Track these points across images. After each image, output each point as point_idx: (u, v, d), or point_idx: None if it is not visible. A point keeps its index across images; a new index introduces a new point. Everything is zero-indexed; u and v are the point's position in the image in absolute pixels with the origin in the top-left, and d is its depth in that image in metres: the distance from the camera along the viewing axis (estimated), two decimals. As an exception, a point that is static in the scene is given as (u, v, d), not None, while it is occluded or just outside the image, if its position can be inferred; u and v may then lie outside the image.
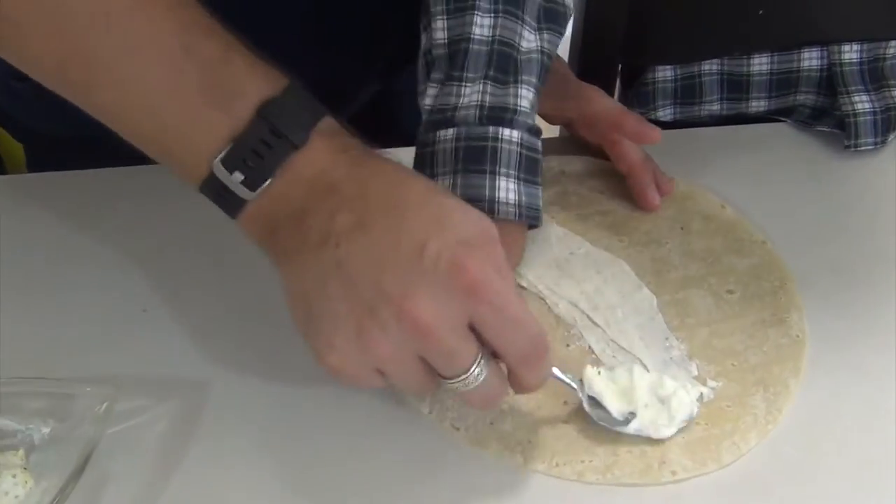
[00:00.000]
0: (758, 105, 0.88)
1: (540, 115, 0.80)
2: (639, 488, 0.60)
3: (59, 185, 0.79)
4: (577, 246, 0.75)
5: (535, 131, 0.66)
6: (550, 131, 0.91)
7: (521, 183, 0.65)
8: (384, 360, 0.52)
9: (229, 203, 0.54)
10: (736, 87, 0.88)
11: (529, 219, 0.65)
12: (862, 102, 0.84)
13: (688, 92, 0.88)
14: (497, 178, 0.63)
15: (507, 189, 0.64)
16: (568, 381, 0.61)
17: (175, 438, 0.61)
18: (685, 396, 0.62)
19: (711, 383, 0.65)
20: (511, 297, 0.52)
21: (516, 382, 0.56)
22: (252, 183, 0.53)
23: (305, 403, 0.64)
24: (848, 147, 0.85)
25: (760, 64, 0.86)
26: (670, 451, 0.61)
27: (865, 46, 0.85)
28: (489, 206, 0.64)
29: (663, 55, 0.87)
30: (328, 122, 0.55)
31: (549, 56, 0.68)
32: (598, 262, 0.74)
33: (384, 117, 0.98)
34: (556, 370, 0.60)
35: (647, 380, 0.63)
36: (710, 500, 0.59)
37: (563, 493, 0.59)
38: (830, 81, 0.86)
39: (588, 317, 0.69)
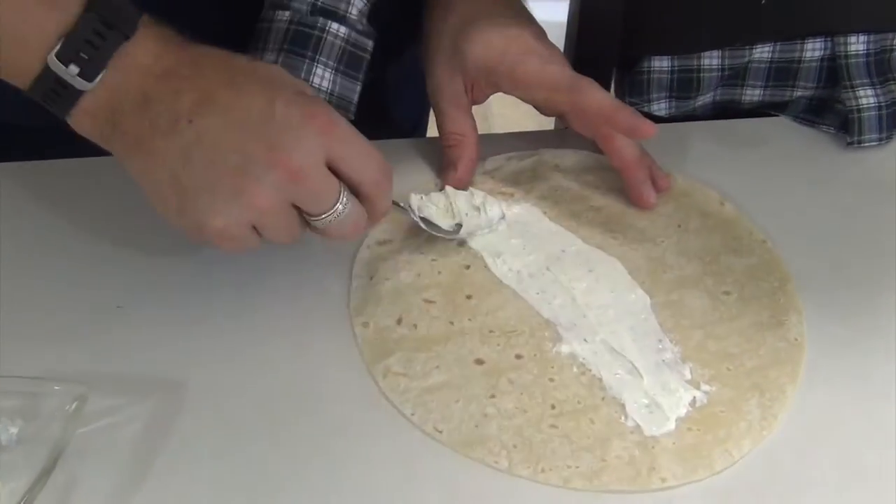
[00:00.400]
0: (752, 94, 0.87)
1: (533, 106, 0.79)
2: (627, 495, 0.59)
3: (30, 175, 0.77)
4: (568, 243, 0.74)
5: (366, 33, 0.73)
6: (546, 123, 0.89)
7: (339, 74, 0.72)
8: (263, 211, 0.58)
9: (64, 98, 0.57)
10: (733, 75, 0.86)
11: (340, 108, 0.70)
12: (867, 97, 0.83)
13: (685, 86, 0.87)
14: (315, 65, 0.71)
15: (321, 77, 0.71)
16: (403, 206, 0.70)
17: (149, 440, 0.60)
18: (494, 203, 0.74)
19: (705, 387, 0.64)
20: (355, 131, 0.60)
21: (371, 210, 0.63)
22: (88, 74, 0.56)
23: (284, 405, 0.63)
24: (851, 144, 0.83)
25: (762, 52, 0.85)
26: (660, 457, 0.60)
27: (872, 37, 0.84)
28: None
29: (662, 46, 0.85)
30: (147, 17, 0.59)
31: None
32: (590, 260, 0.72)
33: (376, 109, 0.97)
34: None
35: (462, 196, 0.73)
36: (702, 508, 0.58)
37: (548, 499, 0.58)
38: (831, 73, 0.85)
39: (578, 317, 0.68)
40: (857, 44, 0.83)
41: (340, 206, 0.60)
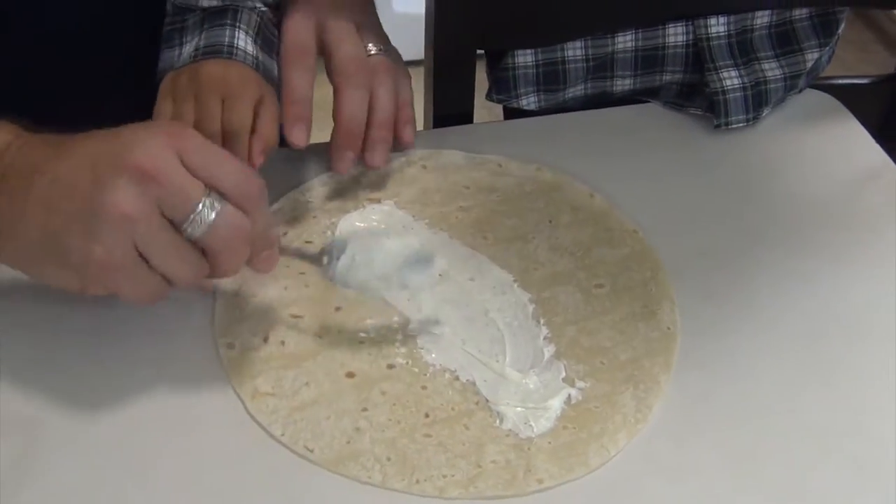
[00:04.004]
0: (623, 84, 0.90)
1: None
2: (504, 500, 0.61)
3: None
4: (438, 246, 0.75)
5: (274, 22, 0.77)
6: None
7: (258, 48, 0.75)
8: (131, 219, 0.56)
9: None
10: (600, 66, 0.90)
11: (267, 80, 0.75)
12: (731, 78, 0.87)
13: (551, 78, 0.90)
14: (237, 30, 0.75)
15: (245, 40, 0.75)
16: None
17: (4, 483, 0.60)
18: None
19: (580, 384, 0.66)
20: (208, 142, 0.60)
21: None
22: None
23: (149, 437, 0.63)
24: (718, 126, 0.87)
25: (625, 41, 0.88)
26: (536, 459, 0.62)
27: (732, 19, 0.88)
28: (227, 51, 0.74)
29: (524, 39, 0.88)
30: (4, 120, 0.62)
31: None
32: (461, 261, 0.74)
33: None
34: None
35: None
36: (580, 506, 0.61)
37: (424, 511, 0.60)
38: (698, 57, 0.88)
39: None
40: (717, 26, 0.87)
41: (206, 210, 0.58)
